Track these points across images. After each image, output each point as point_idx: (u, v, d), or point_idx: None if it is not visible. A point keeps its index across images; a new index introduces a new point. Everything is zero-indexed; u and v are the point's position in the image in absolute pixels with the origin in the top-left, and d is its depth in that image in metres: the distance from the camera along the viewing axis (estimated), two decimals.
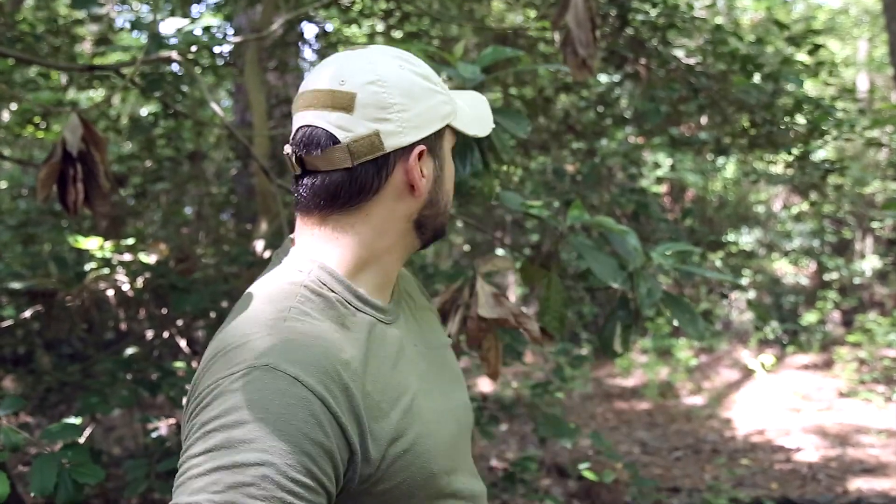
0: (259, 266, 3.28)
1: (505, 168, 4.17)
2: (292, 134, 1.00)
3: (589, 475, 3.03)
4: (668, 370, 8.08)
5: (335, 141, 0.94)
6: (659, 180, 7.48)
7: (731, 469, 5.19)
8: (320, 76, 0.97)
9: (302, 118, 0.97)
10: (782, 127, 3.67)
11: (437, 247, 9.48)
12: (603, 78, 4.64)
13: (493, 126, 1.13)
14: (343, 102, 0.94)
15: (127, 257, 3.12)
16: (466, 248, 9.01)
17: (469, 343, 1.85)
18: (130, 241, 3.09)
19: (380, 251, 1.01)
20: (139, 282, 3.13)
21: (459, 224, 6.11)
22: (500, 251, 5.86)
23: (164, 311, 3.32)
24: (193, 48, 2.15)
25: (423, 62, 1.02)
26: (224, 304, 3.18)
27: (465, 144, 1.85)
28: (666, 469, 5.30)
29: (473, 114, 1.09)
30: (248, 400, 0.82)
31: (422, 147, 0.98)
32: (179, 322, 3.40)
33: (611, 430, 6.41)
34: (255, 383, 0.83)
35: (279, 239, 4.24)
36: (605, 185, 4.10)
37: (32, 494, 1.64)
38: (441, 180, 1.03)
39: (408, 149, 0.97)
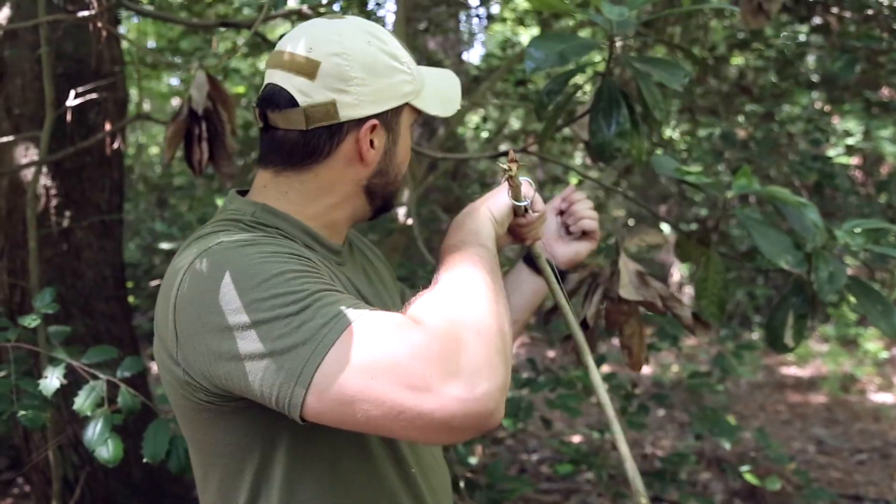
0: (399, 233, 3.17)
1: (664, 132, 3.82)
2: (261, 90, 1.07)
3: (751, 479, 2.70)
4: (853, 362, 7.32)
5: (294, 104, 1.02)
6: (849, 150, 6.71)
7: None
8: (294, 40, 1.04)
9: (270, 76, 1.05)
10: None
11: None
12: (787, 34, 4.13)
13: (459, 108, 1.17)
14: (307, 69, 1.01)
15: None
16: (631, 221, 8.59)
17: (608, 328, 1.62)
18: None
19: (325, 207, 1.08)
20: None
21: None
22: (663, 226, 5.47)
23: None
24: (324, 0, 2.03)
25: (394, 40, 1.08)
26: None
27: (609, 101, 1.61)
28: (846, 473, 4.76)
29: (442, 93, 1.14)
30: (221, 272, 0.90)
31: (374, 121, 1.05)
32: None
33: (782, 425, 5.87)
34: (216, 257, 0.92)
35: (422, 206, 4.13)
36: (782, 153, 3.63)
37: (145, 460, 1.61)
38: (392, 153, 1.10)
39: (361, 121, 1.04)
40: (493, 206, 1.15)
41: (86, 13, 2.07)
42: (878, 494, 4.31)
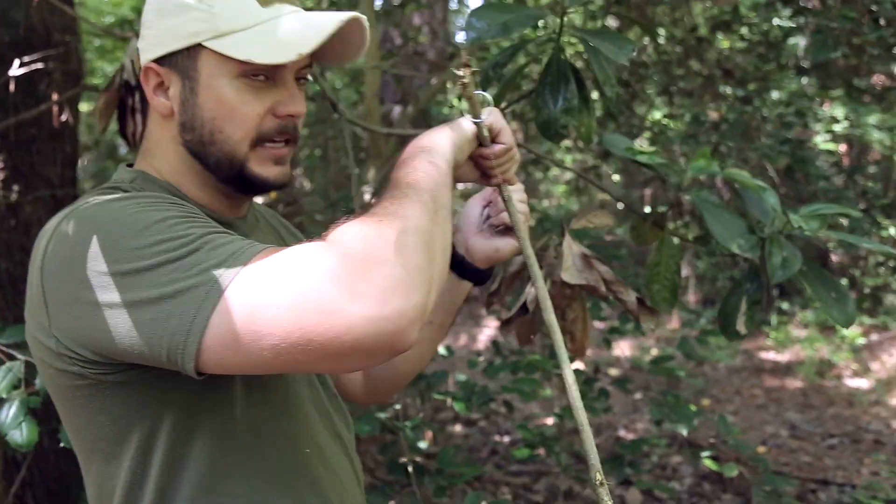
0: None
1: (647, 115, 3.75)
2: None
3: (710, 464, 2.67)
4: (830, 347, 7.32)
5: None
6: (834, 136, 6.65)
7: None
8: None
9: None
10: None
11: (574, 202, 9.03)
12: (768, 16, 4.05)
13: (302, 53, 0.91)
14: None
15: None
16: (620, 206, 8.54)
17: None
18: None
19: (172, 173, 1.00)
20: None
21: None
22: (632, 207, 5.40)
23: None
24: None
25: None
26: None
27: (557, 76, 1.54)
28: (816, 458, 4.75)
29: (284, 36, 0.92)
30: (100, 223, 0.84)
31: (150, 65, 0.96)
32: None
33: (757, 409, 5.87)
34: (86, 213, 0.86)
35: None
36: (754, 137, 3.57)
37: (62, 444, 1.54)
38: (193, 104, 0.96)
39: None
40: (454, 126, 1.02)
41: None
42: (845, 479, 4.30)
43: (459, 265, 1.22)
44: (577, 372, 2.79)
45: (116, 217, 0.83)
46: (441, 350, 2.87)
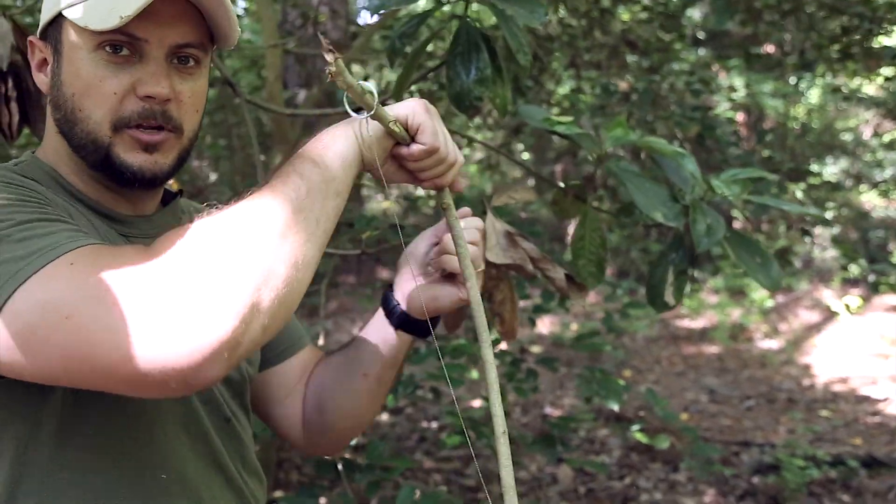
0: None
1: (555, 90, 3.72)
2: None
3: (641, 437, 2.67)
4: (741, 311, 7.58)
5: None
6: (733, 105, 6.84)
7: (810, 422, 4.75)
8: None
9: None
10: (883, 34, 3.10)
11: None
12: None
13: (123, 16, 0.81)
14: None
15: None
16: (531, 182, 8.57)
17: None
18: None
19: (53, 154, 0.91)
20: None
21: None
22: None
23: None
24: None
25: None
26: None
27: (468, 45, 1.46)
28: (736, 420, 4.89)
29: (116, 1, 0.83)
30: None
31: (32, 39, 0.91)
32: None
33: (677, 376, 6.01)
34: None
35: None
36: (664, 106, 3.60)
37: None
38: (59, 80, 0.88)
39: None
40: (357, 122, 0.88)
41: None
42: (764, 439, 4.43)
43: (395, 314, 1.07)
44: (503, 353, 2.74)
45: None
46: None
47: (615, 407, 2.28)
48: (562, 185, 1.65)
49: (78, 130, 0.87)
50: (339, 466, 2.12)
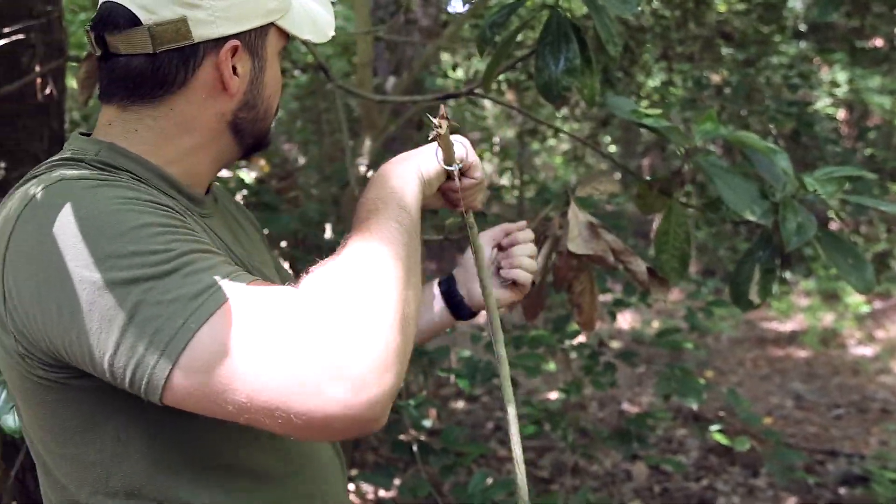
0: (359, 185, 3.02)
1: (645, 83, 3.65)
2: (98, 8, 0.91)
3: (720, 439, 2.61)
4: (834, 316, 7.27)
5: (137, 22, 0.86)
6: (835, 101, 6.55)
7: None
8: None
9: None
10: None
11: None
12: None
13: (332, 34, 1.01)
14: None
15: (224, 174, 2.96)
16: (618, 176, 8.43)
17: (556, 284, 1.50)
18: None
19: (186, 148, 0.93)
20: (238, 199, 2.97)
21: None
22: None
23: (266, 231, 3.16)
24: None
25: None
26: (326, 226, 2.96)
27: (558, 35, 1.46)
28: (823, 428, 4.71)
29: (313, 16, 0.98)
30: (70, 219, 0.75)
31: (235, 42, 0.90)
32: (283, 244, 3.23)
33: (761, 380, 5.83)
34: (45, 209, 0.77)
35: (383, 157, 3.95)
36: (758, 100, 3.48)
37: None
38: (260, 83, 0.95)
39: (220, 42, 0.89)
40: (423, 162, 1.00)
41: None
42: (853, 448, 4.26)
43: (457, 305, 1.24)
44: (581, 346, 2.73)
45: (93, 212, 0.76)
46: None
47: (694, 406, 2.24)
48: (644, 180, 1.64)
49: (261, 126, 0.98)
50: (415, 449, 2.16)
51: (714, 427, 2.85)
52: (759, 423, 2.82)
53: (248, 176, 3.02)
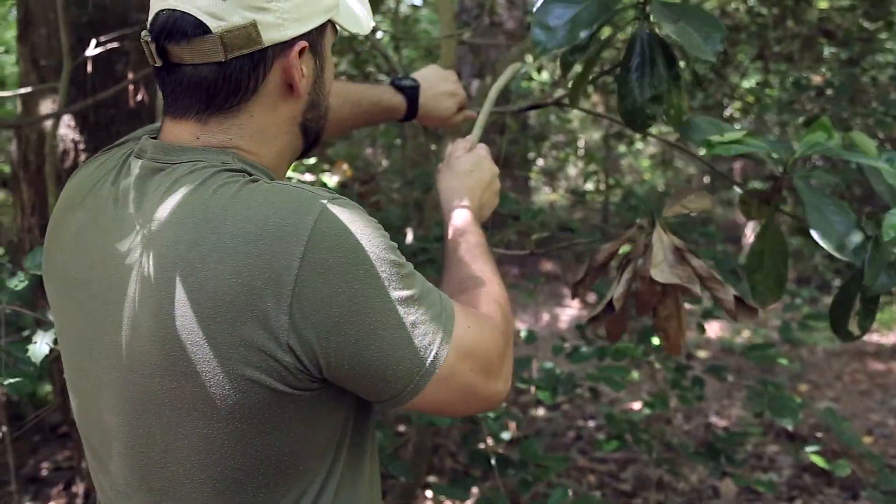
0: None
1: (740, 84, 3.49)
2: (150, 19, 0.87)
3: (818, 461, 2.47)
4: None
5: (205, 30, 0.84)
6: None
7: None
8: None
9: (163, 1, 0.85)
10: None
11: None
12: None
13: (373, 24, 1.01)
14: None
15: (308, 177, 2.99)
16: (706, 179, 8.16)
17: (640, 310, 1.43)
18: (311, 160, 2.95)
19: (274, 155, 0.93)
20: None
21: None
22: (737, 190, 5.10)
23: None
24: None
25: None
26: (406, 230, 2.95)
27: (643, 56, 1.35)
28: None
29: (353, 8, 0.98)
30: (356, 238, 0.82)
31: (303, 43, 0.89)
32: None
33: (860, 395, 5.53)
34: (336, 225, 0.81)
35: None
36: (864, 102, 3.27)
37: None
38: (322, 81, 0.96)
39: (287, 44, 0.88)
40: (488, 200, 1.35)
41: None
42: None
43: (407, 93, 1.43)
44: (667, 359, 2.63)
45: (368, 234, 0.82)
46: (523, 334, 2.77)
47: (789, 427, 2.12)
48: (738, 183, 1.53)
49: (322, 123, 0.99)
50: (493, 461, 2.12)
51: (810, 448, 2.69)
52: (860, 444, 2.65)
53: (331, 180, 3.04)
